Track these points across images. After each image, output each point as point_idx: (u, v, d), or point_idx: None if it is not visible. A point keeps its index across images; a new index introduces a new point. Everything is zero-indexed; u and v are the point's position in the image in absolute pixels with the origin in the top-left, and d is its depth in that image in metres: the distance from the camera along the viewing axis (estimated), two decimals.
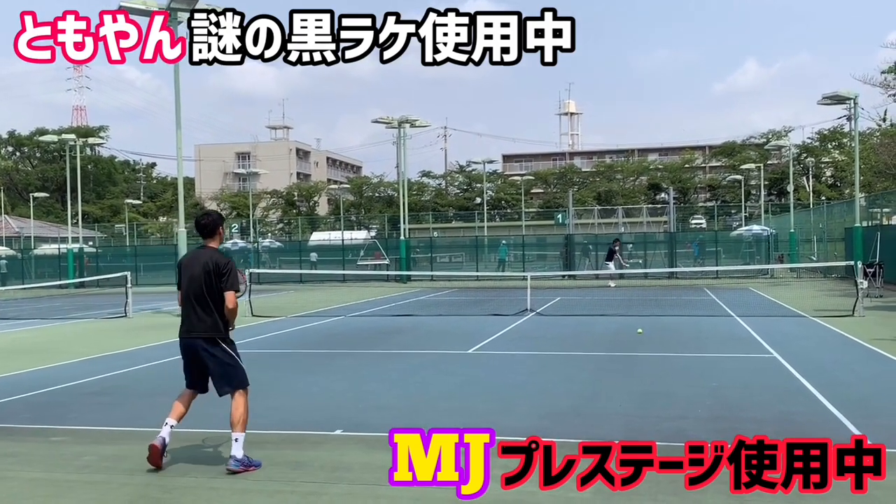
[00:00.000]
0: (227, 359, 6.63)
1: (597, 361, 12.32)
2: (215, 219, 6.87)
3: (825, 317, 17.74)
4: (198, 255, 6.75)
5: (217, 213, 7.04)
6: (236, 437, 6.44)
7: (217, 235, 6.79)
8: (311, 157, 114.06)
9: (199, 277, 6.58)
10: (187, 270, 6.70)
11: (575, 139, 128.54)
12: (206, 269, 6.58)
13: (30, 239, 59.83)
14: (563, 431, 7.66)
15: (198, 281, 6.58)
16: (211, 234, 6.77)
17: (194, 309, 6.62)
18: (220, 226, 6.84)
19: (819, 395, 9.16)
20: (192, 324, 6.64)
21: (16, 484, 6.37)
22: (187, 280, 6.66)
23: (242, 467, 6.37)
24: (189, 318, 6.67)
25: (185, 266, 6.76)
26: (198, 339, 6.62)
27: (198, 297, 6.59)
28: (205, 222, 6.81)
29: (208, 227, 6.78)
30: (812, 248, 41.74)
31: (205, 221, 6.82)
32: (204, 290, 6.58)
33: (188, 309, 6.67)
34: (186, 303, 6.67)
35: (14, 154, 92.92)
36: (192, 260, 6.75)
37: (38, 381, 11.38)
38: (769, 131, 77.45)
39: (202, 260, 6.64)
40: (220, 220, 6.89)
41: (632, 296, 26.52)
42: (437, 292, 30.81)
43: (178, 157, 24.66)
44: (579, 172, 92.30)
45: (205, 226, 6.79)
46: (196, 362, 6.71)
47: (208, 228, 6.78)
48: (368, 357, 13.26)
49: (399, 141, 42.04)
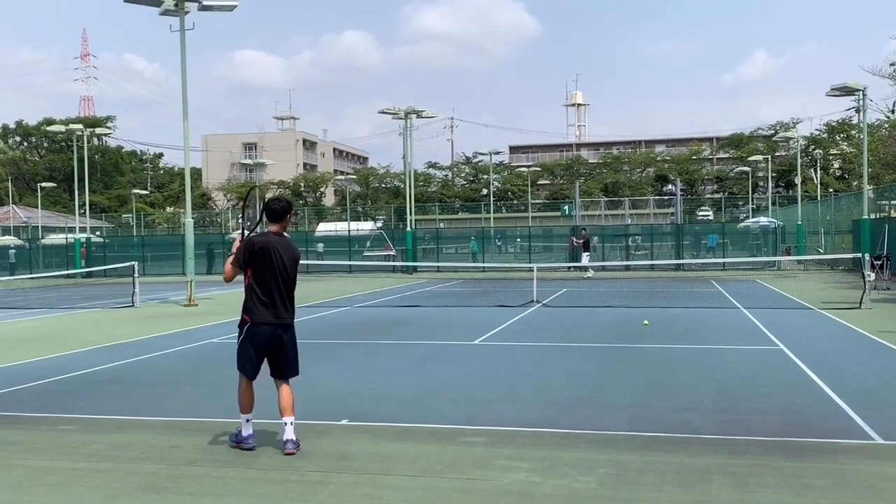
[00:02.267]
0: (296, 346, 6.91)
1: (602, 353, 12.32)
2: (285, 205, 6.84)
3: (832, 309, 17.70)
4: (284, 243, 6.72)
5: (287, 201, 6.99)
6: (292, 421, 6.65)
7: (286, 221, 6.82)
8: (317, 148, 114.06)
9: (290, 266, 6.69)
10: (275, 257, 6.62)
11: (582, 130, 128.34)
12: (296, 261, 6.75)
13: (37, 229, 59.96)
14: (568, 422, 7.67)
15: (287, 267, 6.66)
16: (279, 219, 6.76)
17: (284, 297, 6.68)
18: (290, 212, 6.85)
19: (825, 387, 9.15)
20: (283, 314, 6.69)
21: (23, 472, 6.40)
22: (275, 267, 6.61)
23: (297, 448, 6.64)
24: (276, 304, 6.64)
25: (269, 252, 6.62)
26: (285, 326, 6.72)
27: (287, 285, 6.69)
28: (276, 207, 6.77)
29: (277, 212, 6.75)
30: (819, 240, 41.62)
31: (276, 207, 6.77)
32: (291, 278, 6.72)
33: (275, 295, 6.63)
34: (278, 291, 6.64)
35: (22, 144, 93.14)
36: (278, 247, 6.66)
37: (45, 369, 11.43)
38: (777, 123, 77.24)
39: (291, 251, 6.73)
40: (289, 208, 6.88)
41: (638, 287, 26.48)
42: (443, 283, 30.81)
43: (186, 148, 24.69)
44: (586, 164, 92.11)
45: (275, 210, 6.75)
46: (272, 350, 6.74)
47: (278, 213, 6.75)
48: (374, 347, 13.28)
49: (406, 132, 41.99)
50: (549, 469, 6.14)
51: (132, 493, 5.82)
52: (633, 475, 5.95)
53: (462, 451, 6.69)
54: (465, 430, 7.38)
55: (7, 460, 6.76)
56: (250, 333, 6.71)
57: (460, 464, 6.33)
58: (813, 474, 5.91)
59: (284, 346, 6.75)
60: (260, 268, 6.61)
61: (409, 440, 7.10)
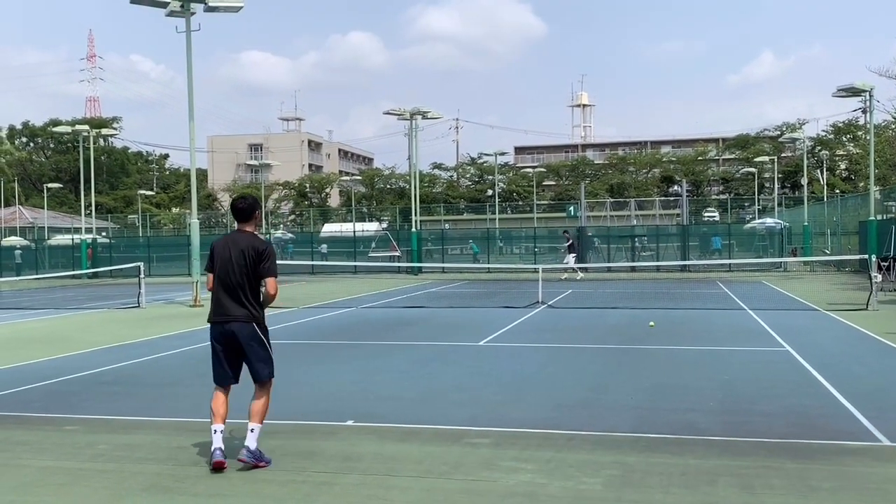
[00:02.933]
0: (264, 344, 6.51)
1: (608, 354, 12.30)
2: (251, 203, 6.65)
3: (838, 310, 17.65)
4: (235, 238, 6.52)
5: (253, 198, 6.81)
6: (252, 428, 6.31)
7: (253, 219, 6.60)
8: (322, 149, 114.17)
9: (239, 261, 6.38)
10: (222, 254, 6.48)
11: (587, 131, 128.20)
12: (246, 254, 6.38)
13: (44, 229, 60.13)
14: (573, 423, 7.65)
15: (239, 263, 6.38)
16: (247, 218, 6.58)
17: (232, 294, 6.39)
18: (256, 210, 6.64)
19: (832, 389, 9.12)
20: (229, 309, 6.42)
21: (29, 472, 6.42)
22: (222, 264, 6.45)
23: (254, 460, 6.27)
24: (224, 302, 6.44)
25: (220, 250, 6.51)
26: (235, 323, 6.39)
27: (238, 281, 6.39)
28: (241, 206, 6.59)
29: (245, 210, 6.57)
30: (826, 241, 41.51)
31: (241, 205, 6.59)
32: (245, 273, 6.38)
33: (223, 294, 6.43)
34: (221, 287, 6.45)
35: (28, 145, 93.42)
36: (230, 243, 6.51)
37: (51, 370, 11.46)
38: (783, 124, 77.00)
39: (241, 244, 6.44)
40: (256, 205, 6.69)
41: (644, 288, 26.45)
42: (448, 284, 30.81)
43: (191, 149, 24.73)
44: (591, 165, 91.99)
45: (241, 209, 6.57)
46: (232, 348, 6.48)
47: (245, 212, 6.57)
48: (379, 348, 13.28)
49: (411, 133, 42.00)
50: (555, 470, 6.13)
51: (138, 493, 5.83)
52: (638, 476, 5.94)
53: (467, 452, 6.68)
54: (470, 431, 7.38)
55: (13, 460, 6.78)
56: (210, 335, 6.55)
57: (466, 465, 6.32)
58: (819, 476, 5.89)
59: (239, 344, 6.41)
60: (216, 268, 6.49)
61: (414, 441, 7.10)
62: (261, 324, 6.51)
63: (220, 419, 6.39)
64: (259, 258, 6.39)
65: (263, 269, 6.41)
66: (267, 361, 6.51)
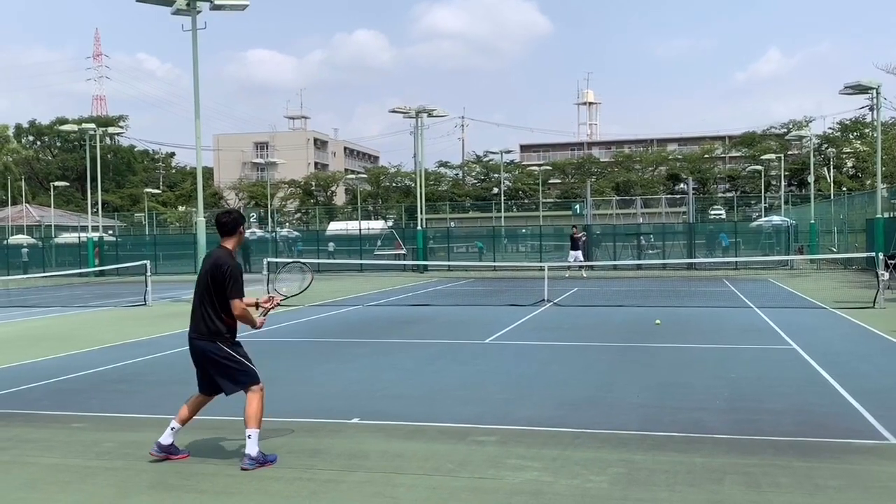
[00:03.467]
0: (229, 360, 6.37)
1: (614, 352, 12.28)
2: (236, 217, 6.58)
3: (845, 308, 17.60)
4: (211, 253, 6.53)
5: (238, 213, 6.73)
6: (249, 434, 6.23)
7: (236, 235, 6.52)
8: (328, 147, 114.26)
9: (204, 278, 6.36)
10: (200, 268, 6.53)
11: (593, 129, 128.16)
12: (211, 272, 6.34)
13: (50, 227, 60.30)
14: (580, 421, 7.65)
15: (203, 281, 6.37)
16: (229, 233, 6.52)
17: (198, 309, 6.41)
18: (240, 225, 6.56)
19: (839, 387, 9.09)
20: (196, 324, 6.42)
21: (36, 469, 6.44)
22: (197, 278, 6.49)
23: (257, 465, 6.23)
24: (193, 318, 6.45)
25: (202, 264, 6.57)
26: (198, 339, 6.41)
27: (201, 298, 6.38)
28: (225, 220, 6.53)
29: (227, 225, 6.49)
30: (833, 239, 41.39)
31: (225, 220, 6.54)
32: (207, 291, 6.35)
33: (194, 308, 6.47)
34: (196, 301, 6.47)
35: (35, 143, 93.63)
36: (206, 258, 6.56)
37: (58, 368, 11.49)
38: (790, 121, 76.78)
39: (210, 261, 6.42)
40: (240, 220, 6.60)
41: (650, 287, 26.41)
42: (454, 282, 30.80)
43: (197, 147, 24.76)
44: (597, 163, 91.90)
45: (225, 223, 6.50)
46: (199, 363, 6.51)
47: (228, 227, 6.51)
48: (385, 346, 13.28)
49: (416, 131, 42.01)
50: (561, 468, 6.13)
51: (144, 490, 5.84)
52: (644, 475, 5.93)
53: (473, 450, 6.68)
54: (476, 429, 7.37)
55: (21, 458, 6.80)
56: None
57: (472, 463, 6.32)
58: (826, 474, 5.88)
59: (207, 361, 6.40)
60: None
61: (420, 439, 7.10)
62: (224, 340, 6.38)
63: (178, 417, 6.54)
64: (222, 278, 6.30)
65: (228, 290, 6.30)
66: (230, 377, 6.39)
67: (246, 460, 6.23)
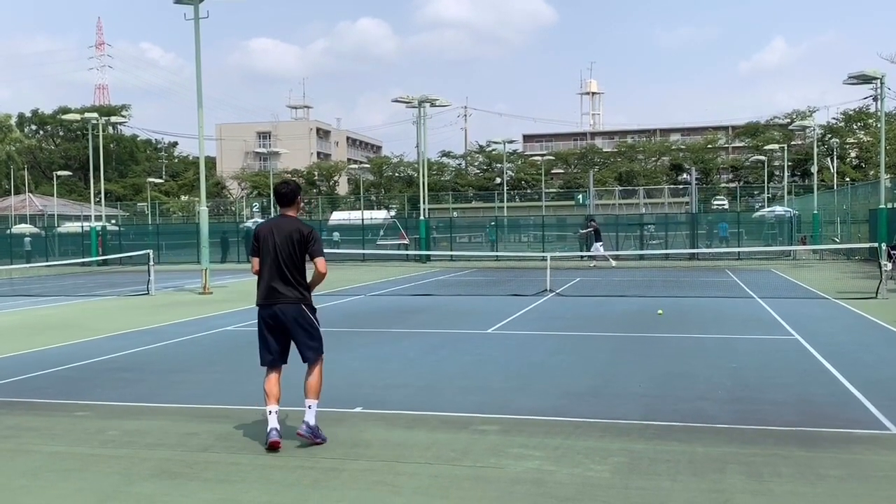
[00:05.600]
0: (314, 324, 6.72)
1: (616, 342, 12.29)
2: (294, 188, 6.79)
3: (848, 299, 17.59)
4: (280, 223, 6.68)
5: (296, 183, 6.94)
6: (310, 405, 6.52)
7: (296, 204, 6.76)
8: (331, 137, 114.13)
9: (286, 244, 6.55)
10: (269, 239, 6.62)
11: (596, 119, 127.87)
12: (292, 238, 6.56)
13: (53, 217, 60.38)
14: (582, 411, 7.66)
15: (285, 248, 6.55)
16: (290, 202, 6.72)
17: (281, 277, 6.57)
18: (298, 195, 6.79)
19: (841, 378, 9.10)
20: (279, 292, 6.58)
21: (40, 457, 6.46)
22: (271, 248, 6.59)
23: (311, 435, 6.47)
24: (274, 286, 6.58)
25: (265, 235, 6.65)
26: (286, 305, 6.58)
27: (284, 265, 6.56)
28: (284, 191, 6.74)
29: (288, 195, 6.72)
30: (836, 229, 41.33)
31: (284, 190, 6.75)
32: (290, 258, 6.56)
33: (272, 277, 6.58)
34: (270, 271, 6.59)
35: (37, 133, 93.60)
36: (273, 228, 6.67)
37: (62, 356, 11.52)
38: (794, 111, 76.56)
39: (287, 229, 6.61)
40: (298, 190, 6.83)
41: (652, 276, 26.40)
42: (457, 272, 30.81)
43: (200, 136, 24.75)
44: (600, 153, 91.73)
45: (284, 194, 6.73)
46: (281, 330, 6.65)
47: (288, 197, 6.72)
48: (387, 336, 13.30)
49: (419, 120, 41.95)
50: (563, 457, 6.14)
51: (148, 478, 5.86)
52: (646, 464, 5.94)
53: (475, 439, 6.70)
54: (478, 419, 7.39)
55: (24, 446, 6.83)
56: (258, 317, 6.74)
57: (474, 452, 6.34)
58: (828, 464, 5.88)
59: (288, 326, 6.62)
60: (262, 252, 6.66)
61: (422, 428, 7.12)
62: (309, 305, 6.73)
63: (273, 400, 6.61)
64: (305, 241, 6.59)
65: (313, 250, 6.63)
66: (314, 341, 6.74)
67: (304, 427, 6.48)
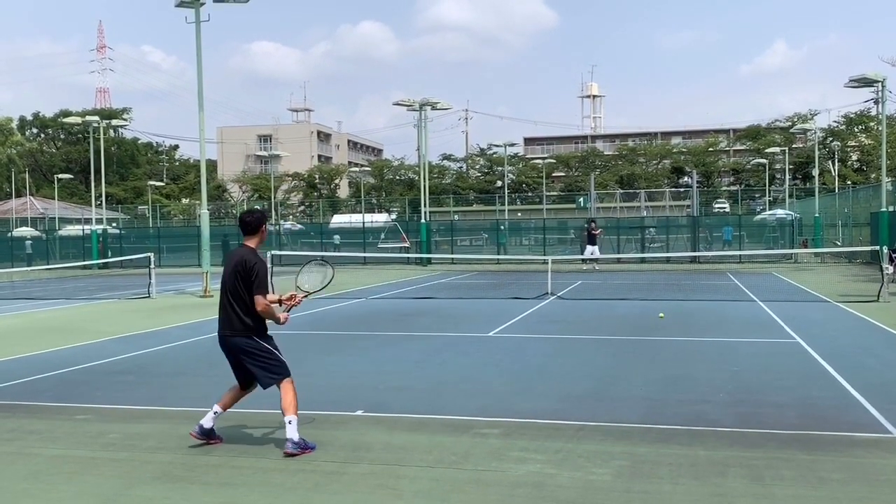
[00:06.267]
0: (265, 353, 6.56)
1: (617, 345, 12.28)
2: (258, 217, 6.77)
3: (849, 302, 17.57)
4: (234, 253, 6.73)
5: (261, 212, 6.92)
6: (290, 420, 6.42)
7: (258, 234, 6.70)
8: (332, 140, 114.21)
9: (232, 276, 6.53)
10: (225, 267, 6.74)
11: (597, 122, 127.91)
12: (237, 270, 6.51)
13: (54, 220, 60.38)
14: (583, 415, 7.65)
15: (230, 279, 6.54)
16: (252, 232, 6.68)
17: (228, 307, 6.58)
18: (262, 224, 6.74)
19: (842, 381, 9.08)
20: (229, 322, 6.57)
21: (39, 461, 6.46)
22: (223, 277, 6.65)
23: (300, 449, 6.38)
24: (225, 315, 6.61)
25: (225, 263, 6.79)
26: (231, 336, 6.56)
27: (232, 295, 6.54)
28: (249, 220, 6.72)
29: (251, 224, 6.69)
30: (837, 232, 41.32)
31: (249, 219, 6.73)
32: (235, 289, 6.52)
33: (223, 306, 6.63)
34: (220, 301, 6.66)
35: (39, 136, 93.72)
36: (229, 257, 6.77)
37: (62, 359, 11.51)
38: (795, 115, 76.57)
39: (235, 259, 6.60)
40: (263, 219, 6.79)
41: (654, 280, 26.38)
42: (458, 275, 30.80)
43: (201, 140, 24.77)
44: (601, 156, 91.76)
45: (248, 223, 6.70)
46: (234, 358, 6.67)
47: (251, 226, 6.69)
48: (389, 339, 13.30)
49: (420, 124, 41.97)
50: (564, 461, 6.13)
51: (148, 482, 5.86)
52: (648, 467, 5.93)
53: (476, 443, 6.69)
54: (479, 422, 7.38)
55: (25, 449, 6.82)
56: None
57: (475, 455, 6.33)
58: (830, 468, 5.87)
59: (239, 355, 6.59)
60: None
61: (423, 431, 7.11)
62: (257, 335, 6.56)
63: (221, 402, 6.77)
64: (248, 274, 6.48)
65: (251, 285, 6.48)
66: (270, 371, 6.56)
67: (289, 444, 6.39)
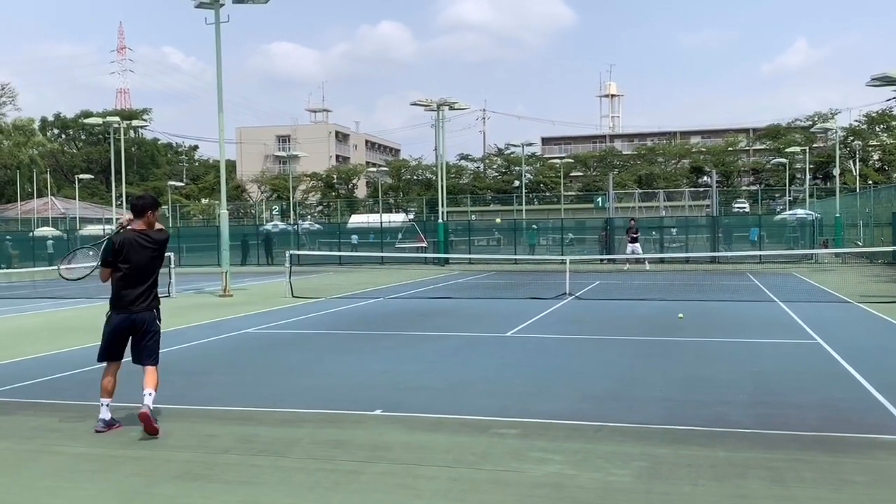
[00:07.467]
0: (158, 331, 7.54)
1: (636, 346, 12.23)
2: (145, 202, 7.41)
3: (871, 303, 17.41)
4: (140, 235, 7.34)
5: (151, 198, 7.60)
6: (149, 392, 7.18)
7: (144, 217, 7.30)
8: (350, 140, 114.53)
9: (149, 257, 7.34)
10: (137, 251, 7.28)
11: (616, 122, 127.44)
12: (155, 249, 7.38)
13: (75, 220, 60.90)
14: (602, 415, 7.62)
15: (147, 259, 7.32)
16: (138, 214, 7.32)
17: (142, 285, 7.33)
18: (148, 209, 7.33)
19: (864, 382, 9.00)
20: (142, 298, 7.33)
21: (62, 458, 6.52)
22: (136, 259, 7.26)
23: (151, 425, 7.00)
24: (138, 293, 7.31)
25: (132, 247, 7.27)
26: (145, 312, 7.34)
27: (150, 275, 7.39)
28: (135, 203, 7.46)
29: (136, 207, 7.37)
30: (858, 233, 40.95)
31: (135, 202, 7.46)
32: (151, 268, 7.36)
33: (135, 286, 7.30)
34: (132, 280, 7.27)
35: (60, 136, 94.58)
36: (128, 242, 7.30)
37: (84, 358, 11.58)
38: (815, 114, 75.96)
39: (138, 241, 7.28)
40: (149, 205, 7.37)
41: (673, 280, 26.26)
42: (475, 275, 30.79)
43: (221, 140, 24.89)
44: (620, 155, 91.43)
45: (134, 206, 7.41)
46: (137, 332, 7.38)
47: (136, 209, 7.35)
48: (407, 339, 13.31)
49: (438, 124, 41.99)
50: (584, 462, 6.11)
51: (169, 480, 5.90)
52: (668, 469, 5.90)
53: (495, 443, 6.68)
54: (498, 422, 7.37)
55: (48, 447, 6.88)
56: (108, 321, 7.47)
57: (494, 455, 6.33)
58: (852, 470, 5.82)
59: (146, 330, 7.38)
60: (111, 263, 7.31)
61: (442, 431, 7.11)
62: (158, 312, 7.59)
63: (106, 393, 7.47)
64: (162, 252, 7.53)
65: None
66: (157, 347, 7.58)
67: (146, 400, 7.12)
